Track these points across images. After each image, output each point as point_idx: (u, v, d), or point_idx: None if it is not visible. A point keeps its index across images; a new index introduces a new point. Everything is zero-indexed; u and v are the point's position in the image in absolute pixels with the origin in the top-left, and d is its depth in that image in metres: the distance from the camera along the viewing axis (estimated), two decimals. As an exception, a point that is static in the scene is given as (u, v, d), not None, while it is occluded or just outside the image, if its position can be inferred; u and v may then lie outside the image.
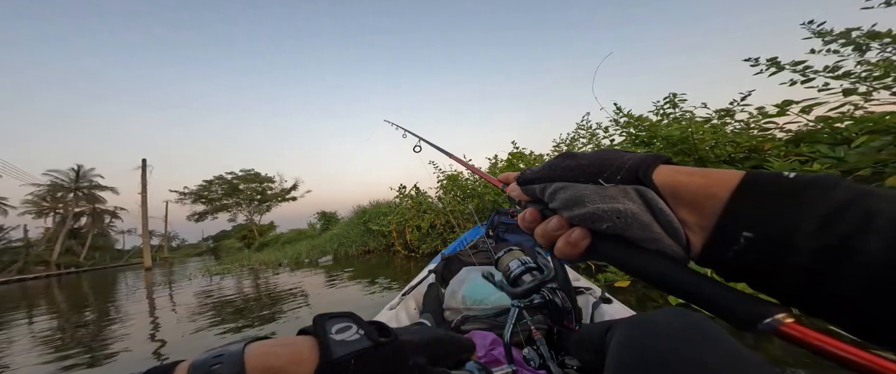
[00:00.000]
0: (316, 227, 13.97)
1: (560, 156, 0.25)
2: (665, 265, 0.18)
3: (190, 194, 27.73)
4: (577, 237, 0.21)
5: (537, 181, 0.24)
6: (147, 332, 2.84)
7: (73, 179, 26.79)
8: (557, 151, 5.56)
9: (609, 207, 0.20)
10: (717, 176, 0.18)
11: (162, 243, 41.34)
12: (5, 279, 17.05)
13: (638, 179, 0.20)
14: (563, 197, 0.22)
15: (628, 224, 0.19)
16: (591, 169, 0.22)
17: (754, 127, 2.83)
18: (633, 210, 0.19)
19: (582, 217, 0.21)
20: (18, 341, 3.20)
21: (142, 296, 5.44)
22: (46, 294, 7.44)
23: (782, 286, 0.16)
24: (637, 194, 0.20)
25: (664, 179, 0.20)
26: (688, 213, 0.19)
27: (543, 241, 0.23)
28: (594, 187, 0.21)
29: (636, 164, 0.21)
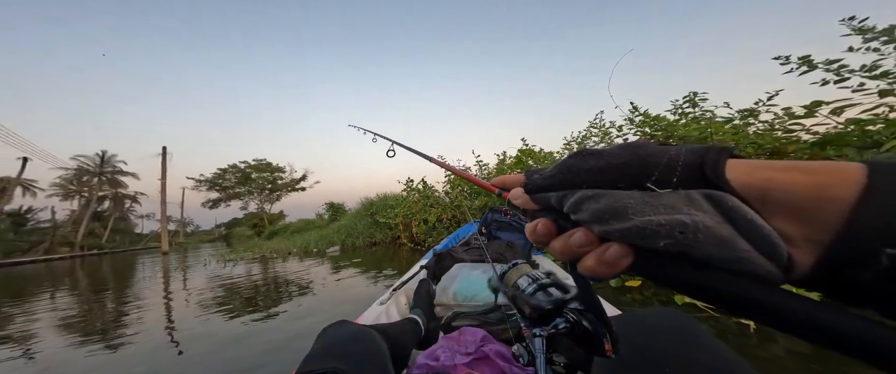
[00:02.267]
0: (324, 217, 14.23)
1: (577, 155, 0.20)
2: (757, 290, 0.14)
3: (205, 182, 28.72)
4: (614, 255, 0.17)
5: (553, 189, 0.20)
6: (162, 316, 2.97)
7: (97, 164, 28.10)
8: (568, 149, 5.44)
9: (667, 219, 0.15)
10: (828, 170, 0.14)
11: (178, 228, 43.12)
12: (33, 259, 18.13)
13: (705, 179, 0.15)
14: (595, 208, 0.17)
15: (697, 241, 0.15)
16: (630, 170, 0.17)
17: (779, 128, 2.68)
18: (706, 223, 0.14)
19: (624, 233, 0.16)
20: (44, 319, 3.39)
21: (159, 280, 5.66)
22: (71, 275, 7.88)
23: None
24: (708, 202, 0.15)
25: (744, 177, 0.15)
26: (787, 222, 0.14)
27: (562, 256, 0.19)
28: (642, 194, 0.16)
29: (696, 159, 0.16)
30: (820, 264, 0.14)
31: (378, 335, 0.61)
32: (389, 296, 1.07)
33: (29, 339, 2.55)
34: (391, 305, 1.03)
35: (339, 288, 3.34)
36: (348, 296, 2.91)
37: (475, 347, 0.71)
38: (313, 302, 2.85)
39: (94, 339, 2.37)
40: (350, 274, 4.19)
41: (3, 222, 21.39)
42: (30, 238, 22.66)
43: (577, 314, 0.29)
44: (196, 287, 4.38)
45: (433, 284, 1.05)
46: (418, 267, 1.33)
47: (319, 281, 3.90)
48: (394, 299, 1.05)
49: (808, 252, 0.14)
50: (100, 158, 28.16)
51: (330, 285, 3.58)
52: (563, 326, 0.29)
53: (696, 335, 0.35)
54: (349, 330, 0.59)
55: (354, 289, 3.19)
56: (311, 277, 4.28)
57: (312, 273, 4.59)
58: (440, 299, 0.91)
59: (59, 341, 2.41)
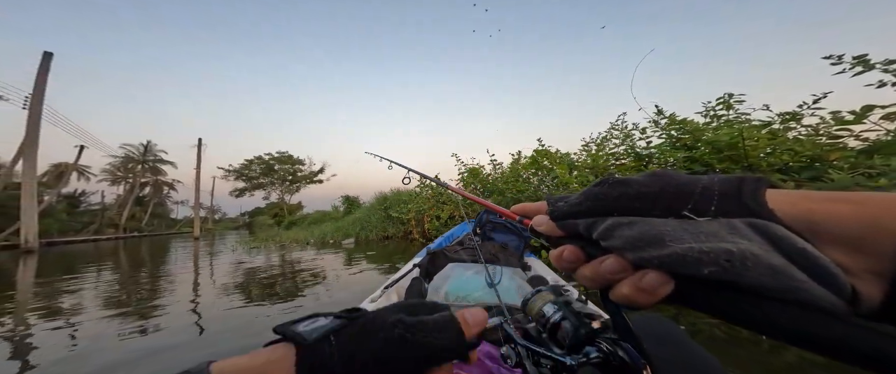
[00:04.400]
0: (339, 210, 14.66)
1: (604, 183, 0.19)
2: (822, 323, 0.13)
3: (233, 172, 30.42)
4: (653, 283, 0.16)
5: (581, 216, 0.19)
6: (189, 297, 3.20)
7: (141, 153, 30.52)
8: (586, 150, 5.25)
9: (711, 247, 0.14)
10: (876, 202, 0.14)
11: (207, 215, 45.99)
12: (84, 238, 20.04)
13: (747, 208, 0.15)
14: (629, 234, 0.17)
15: (746, 269, 0.14)
16: (664, 198, 0.17)
17: (823, 134, 2.44)
18: (754, 251, 0.14)
19: (664, 260, 0.15)
20: (90, 292, 3.76)
21: (191, 263, 6.07)
22: (115, 255, 8.63)
23: None
24: (753, 230, 0.15)
25: (787, 207, 0.15)
26: (841, 254, 0.14)
27: (591, 284, 0.19)
28: (678, 221, 0.16)
29: (733, 188, 0.16)
30: (890, 295, 0.13)
31: None
32: (381, 293, 1.07)
33: (86, 309, 2.83)
34: (382, 302, 1.03)
35: (353, 280, 3.48)
36: (362, 287, 3.02)
37: (466, 348, 0.71)
38: (332, 290, 3.02)
39: (143, 316, 2.60)
40: (364, 266, 4.32)
41: (61, 203, 23.73)
42: (82, 219, 25.01)
43: (610, 343, 0.27)
44: (226, 272, 4.68)
45: (426, 282, 1.05)
46: (411, 265, 1.33)
47: (336, 272, 4.04)
48: (385, 296, 1.06)
49: (873, 284, 0.13)
50: (143, 148, 30.56)
51: (346, 277, 3.71)
52: (596, 356, 0.26)
53: (678, 340, 0.36)
54: None
55: (368, 282, 3.29)
56: (328, 267, 4.45)
57: (330, 264, 4.76)
58: (432, 298, 0.89)
59: (114, 313, 2.66)
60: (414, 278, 1.09)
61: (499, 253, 1.10)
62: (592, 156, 4.71)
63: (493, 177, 6.46)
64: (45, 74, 12.92)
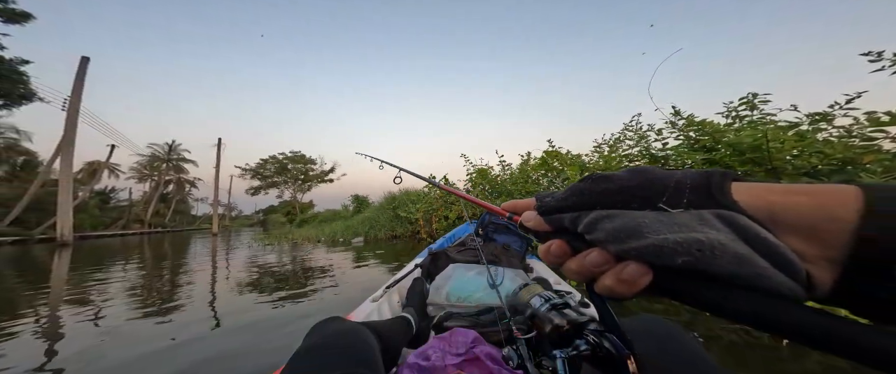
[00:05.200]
0: (349, 209, 14.91)
1: (588, 179, 0.20)
2: (783, 309, 0.14)
3: (250, 171, 31.54)
4: (632, 274, 0.17)
5: (567, 210, 0.20)
6: (212, 289, 3.37)
7: (166, 152, 32.11)
8: (599, 152, 5.12)
9: (683, 237, 0.15)
10: (829, 192, 0.15)
11: (225, 212, 47.85)
12: (112, 233, 21.25)
13: (715, 200, 0.16)
14: (610, 227, 0.17)
15: (715, 258, 0.15)
16: (641, 192, 0.18)
17: (856, 135, 2.28)
18: (721, 240, 0.15)
19: (642, 250, 0.16)
20: (124, 283, 3.97)
21: (214, 258, 6.34)
22: (143, 249, 9.10)
23: None
24: (721, 221, 0.15)
25: (751, 199, 0.16)
26: (800, 242, 0.15)
27: (577, 277, 0.20)
28: (654, 213, 0.17)
29: (703, 181, 0.17)
30: (839, 281, 0.14)
31: (369, 333, 0.62)
32: (383, 293, 1.07)
33: (120, 299, 3.01)
34: (384, 302, 1.03)
35: (361, 277, 3.56)
36: (369, 284, 3.07)
37: (466, 348, 0.70)
38: (340, 287, 3.11)
39: (167, 307, 2.73)
40: (372, 265, 4.40)
41: (93, 199, 25.25)
42: (111, 215, 26.49)
43: (597, 335, 0.28)
44: (244, 266, 4.86)
45: (427, 283, 1.05)
46: (413, 265, 1.33)
47: (345, 270, 4.14)
48: (387, 296, 1.05)
49: (826, 270, 0.14)
50: (168, 147, 32.16)
51: (354, 274, 3.81)
52: (585, 348, 0.27)
53: (679, 341, 0.36)
54: (340, 327, 0.60)
55: (375, 280, 3.34)
56: (338, 265, 4.55)
57: (340, 262, 4.87)
58: (433, 299, 0.90)
59: (144, 302, 2.81)
60: (415, 279, 1.09)
61: (501, 254, 1.09)
62: (605, 157, 4.59)
63: (502, 178, 6.40)
64: (82, 77, 13.81)
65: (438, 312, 0.83)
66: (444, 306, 0.85)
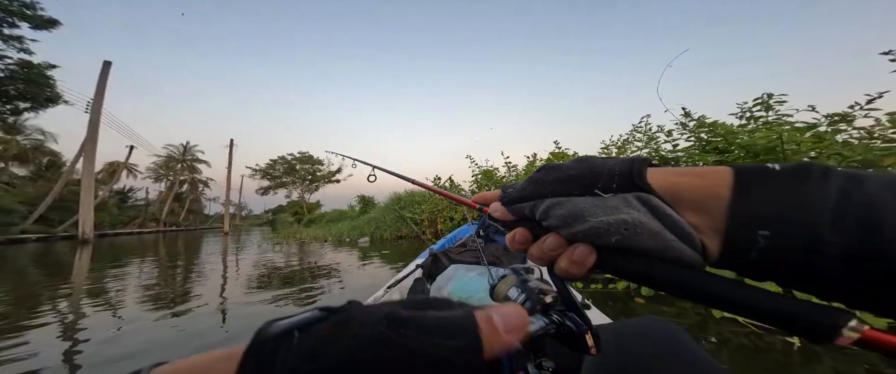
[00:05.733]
0: (355, 209, 15.05)
1: (542, 169, 0.23)
2: (687, 275, 0.17)
3: (260, 171, 32.22)
4: (581, 254, 0.19)
5: (525, 200, 0.22)
6: (219, 285, 3.47)
7: (181, 152, 33.14)
8: (606, 153, 5.07)
9: (614, 219, 0.18)
10: (712, 174, 0.18)
11: (236, 211, 48.99)
12: (130, 231, 22.03)
13: (635, 184, 0.19)
14: (560, 213, 0.20)
15: (638, 234, 0.18)
16: (582, 180, 0.20)
17: (878, 137, 2.19)
18: (641, 219, 0.18)
19: (586, 232, 0.19)
20: (144, 278, 4.14)
21: (227, 255, 6.57)
22: (161, 246, 9.43)
23: (820, 283, 0.15)
24: (639, 202, 0.18)
25: (660, 182, 0.19)
26: (694, 216, 0.18)
27: (539, 261, 0.22)
28: (592, 199, 0.19)
29: (627, 168, 0.19)
30: (724, 248, 0.17)
31: None
32: (384, 294, 1.08)
33: (141, 292, 3.12)
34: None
35: (366, 276, 3.61)
36: (374, 283, 3.10)
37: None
38: (346, 285, 3.17)
39: (183, 300, 2.83)
40: (377, 265, 4.46)
41: (112, 198, 26.24)
42: (129, 213, 27.47)
43: (560, 315, 0.31)
44: (255, 263, 4.97)
45: (428, 283, 1.05)
46: (414, 266, 1.33)
47: (350, 270, 4.19)
48: (387, 296, 1.07)
49: (714, 239, 0.17)
50: (183, 148, 33.18)
51: (359, 273, 3.86)
52: (550, 327, 0.30)
53: (680, 343, 0.36)
54: None
55: (380, 278, 3.39)
56: (344, 264, 4.63)
57: (346, 261, 4.94)
58: None
59: (162, 295, 2.91)
60: (416, 279, 1.10)
61: (501, 255, 1.09)
62: (613, 159, 4.53)
63: (508, 179, 6.38)
64: (104, 81, 14.41)
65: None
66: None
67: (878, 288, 0.14)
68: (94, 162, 14.05)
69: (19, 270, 5.22)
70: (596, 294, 2.20)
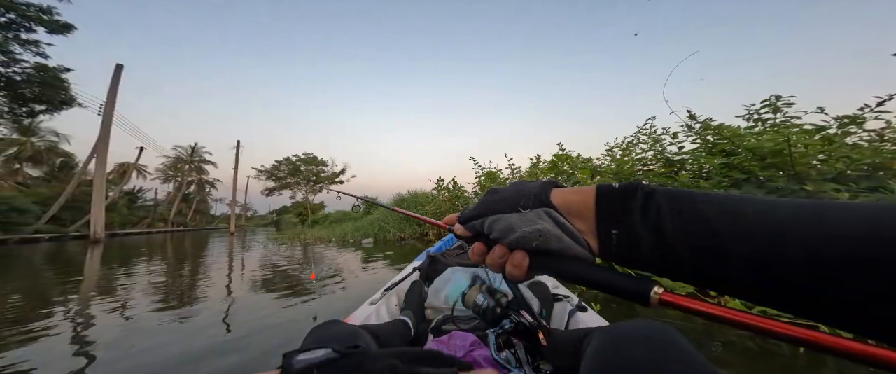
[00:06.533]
0: (359, 210, 15.10)
1: (488, 193, 0.29)
2: (581, 266, 0.23)
3: (265, 172, 32.59)
4: (519, 259, 0.25)
5: (476, 218, 0.28)
6: (224, 284, 3.54)
7: (189, 154, 33.71)
8: (611, 155, 5.04)
9: (531, 228, 0.24)
10: (584, 192, 0.24)
11: (241, 212, 49.59)
12: (139, 231, 22.44)
13: (542, 202, 0.25)
14: (499, 227, 0.26)
15: (548, 239, 0.24)
16: (511, 201, 0.26)
17: (888, 139, 2.15)
18: (548, 227, 0.24)
19: (516, 240, 0.25)
20: (156, 277, 4.22)
21: (233, 256, 6.66)
22: (169, 246, 9.58)
23: (650, 265, 0.21)
24: (546, 215, 0.24)
25: (558, 199, 0.25)
26: (579, 222, 0.24)
27: (494, 268, 0.27)
28: (517, 215, 0.25)
29: (538, 190, 0.26)
30: (598, 245, 0.23)
31: (367, 336, 0.63)
32: (381, 296, 1.08)
33: (153, 292, 3.19)
34: (382, 305, 1.04)
35: (373, 277, 3.66)
36: (378, 284, 3.19)
37: (464, 352, 0.71)
38: (350, 285, 3.22)
39: (191, 300, 2.88)
40: (382, 266, 4.48)
41: (122, 198, 26.78)
42: (138, 213, 27.97)
43: (516, 313, 0.35)
44: (261, 265, 5.03)
45: (425, 286, 1.05)
46: (411, 268, 1.34)
47: (355, 271, 4.23)
48: (385, 299, 1.06)
49: (593, 239, 0.23)
50: (191, 149, 33.76)
51: (364, 275, 3.90)
52: (509, 325, 0.34)
53: (674, 345, 0.37)
54: (338, 330, 0.60)
55: (383, 279, 3.44)
56: (348, 264, 4.68)
57: (350, 261, 4.97)
58: (432, 302, 0.91)
59: (165, 296, 2.97)
60: (413, 282, 1.10)
61: (500, 259, 1.08)
62: (617, 161, 4.49)
63: (511, 181, 6.35)
64: (116, 84, 14.76)
65: (437, 315, 0.83)
66: (443, 309, 0.85)
67: (673, 266, 0.20)
68: (105, 163, 14.36)
69: (39, 268, 5.36)
70: (599, 297, 2.19)
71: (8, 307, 2.71)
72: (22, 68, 12.35)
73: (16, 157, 18.18)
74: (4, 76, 12.11)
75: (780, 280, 0.16)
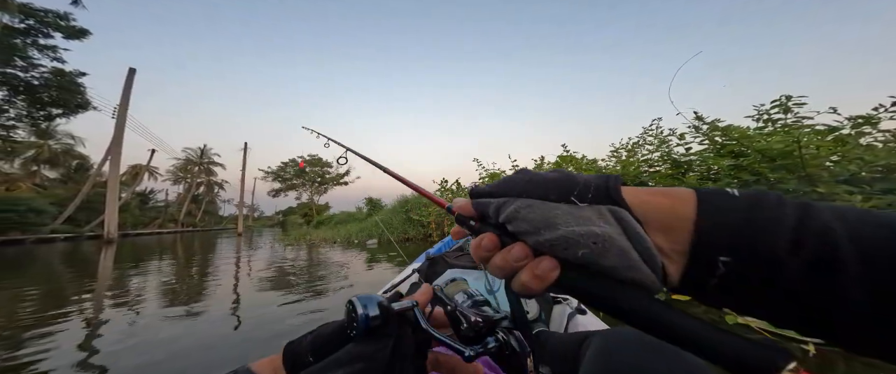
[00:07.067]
0: (363, 211, 15.21)
1: (518, 172, 0.22)
2: (641, 299, 0.17)
3: (271, 173, 33.03)
4: (546, 268, 0.18)
5: (494, 195, 0.21)
6: (231, 284, 3.62)
7: (198, 156, 34.37)
8: (616, 156, 4.97)
9: (585, 230, 0.17)
10: (678, 195, 0.18)
11: (248, 213, 50.23)
12: (150, 231, 22.95)
13: (611, 198, 0.18)
14: (531, 217, 0.19)
15: (606, 250, 0.17)
16: (559, 186, 0.19)
17: (905, 141, 2.08)
18: (611, 234, 0.17)
19: (554, 243, 0.18)
20: (169, 274, 4.33)
21: (234, 257, 6.77)
22: (181, 246, 9.80)
23: (775, 310, 0.16)
24: (613, 216, 0.18)
25: (633, 199, 0.18)
26: (660, 237, 0.17)
27: (501, 273, 0.20)
28: (567, 206, 0.19)
29: (603, 182, 0.19)
30: (685, 273, 0.17)
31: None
32: None
33: (167, 287, 3.27)
34: None
35: (378, 277, 3.70)
36: (382, 284, 3.25)
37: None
38: (355, 285, 3.28)
39: (204, 297, 2.94)
40: (385, 266, 4.52)
41: (134, 199, 27.39)
42: (149, 214, 28.58)
43: (506, 333, 0.30)
44: (270, 263, 5.11)
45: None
46: (410, 270, 1.34)
47: (359, 272, 4.27)
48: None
49: (675, 263, 0.17)
50: (200, 151, 34.42)
51: (368, 275, 3.96)
52: (493, 345, 0.30)
53: (674, 349, 0.36)
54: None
55: (387, 280, 3.50)
56: (353, 265, 4.74)
57: (354, 262, 5.03)
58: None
59: (175, 295, 3.04)
60: (413, 284, 1.11)
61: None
62: (623, 162, 4.44)
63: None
64: (129, 88, 15.14)
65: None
66: (444, 311, 0.86)
67: (831, 316, 0.14)
68: (119, 165, 14.71)
69: (58, 267, 5.53)
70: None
71: (38, 302, 2.85)
72: (40, 73, 12.77)
73: (34, 159, 18.76)
74: (24, 81, 12.52)
75: None
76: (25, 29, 12.11)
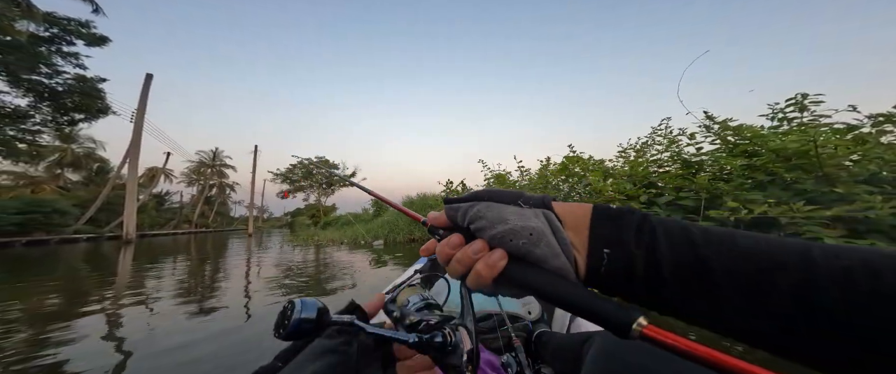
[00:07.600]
0: (369, 212, 15.36)
1: (481, 190, 0.29)
2: (563, 284, 0.22)
3: (280, 175, 33.69)
4: (496, 258, 0.23)
5: (465, 201, 0.27)
6: (243, 282, 3.75)
7: (211, 158, 35.36)
8: (623, 156, 4.91)
9: (524, 224, 0.23)
10: (582, 207, 0.24)
11: (258, 214, 51.33)
12: (166, 232, 23.71)
13: (545, 204, 0.25)
14: (489, 215, 0.25)
15: (538, 240, 0.22)
16: (511, 195, 0.27)
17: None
18: (541, 228, 0.23)
19: (503, 234, 0.23)
20: (185, 272, 4.49)
21: (245, 256, 6.94)
22: (196, 246, 10.12)
23: (636, 295, 0.21)
24: (544, 216, 0.24)
25: (558, 207, 0.25)
26: (572, 234, 0.23)
27: (460, 267, 0.25)
28: (515, 208, 0.25)
29: (541, 196, 0.27)
30: (586, 263, 0.22)
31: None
32: None
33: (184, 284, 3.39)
34: None
35: (381, 277, 3.79)
36: (387, 284, 3.31)
37: (465, 355, 0.72)
38: (360, 285, 3.34)
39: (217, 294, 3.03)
40: (391, 267, 4.58)
41: (151, 201, 28.35)
42: (165, 215, 29.53)
43: (454, 329, 0.32)
44: (281, 263, 5.22)
45: (427, 289, 1.06)
46: (412, 271, 1.35)
47: (365, 272, 4.32)
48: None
49: (581, 254, 0.23)
50: (213, 154, 35.42)
51: (373, 275, 4.02)
52: (438, 340, 0.32)
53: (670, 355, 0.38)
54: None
55: (392, 280, 3.55)
56: (360, 265, 4.83)
57: (361, 262, 5.09)
58: None
59: (187, 293, 3.15)
60: (413, 285, 1.12)
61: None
62: (631, 163, 4.36)
63: (520, 184, 6.29)
64: (146, 93, 15.70)
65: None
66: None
67: (656, 292, 0.20)
68: (137, 168, 15.26)
69: (83, 266, 5.77)
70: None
71: (70, 298, 3.02)
72: (64, 79, 13.37)
73: (58, 162, 19.64)
74: (49, 87, 13.14)
75: (759, 303, 0.17)
76: (50, 37, 12.71)
